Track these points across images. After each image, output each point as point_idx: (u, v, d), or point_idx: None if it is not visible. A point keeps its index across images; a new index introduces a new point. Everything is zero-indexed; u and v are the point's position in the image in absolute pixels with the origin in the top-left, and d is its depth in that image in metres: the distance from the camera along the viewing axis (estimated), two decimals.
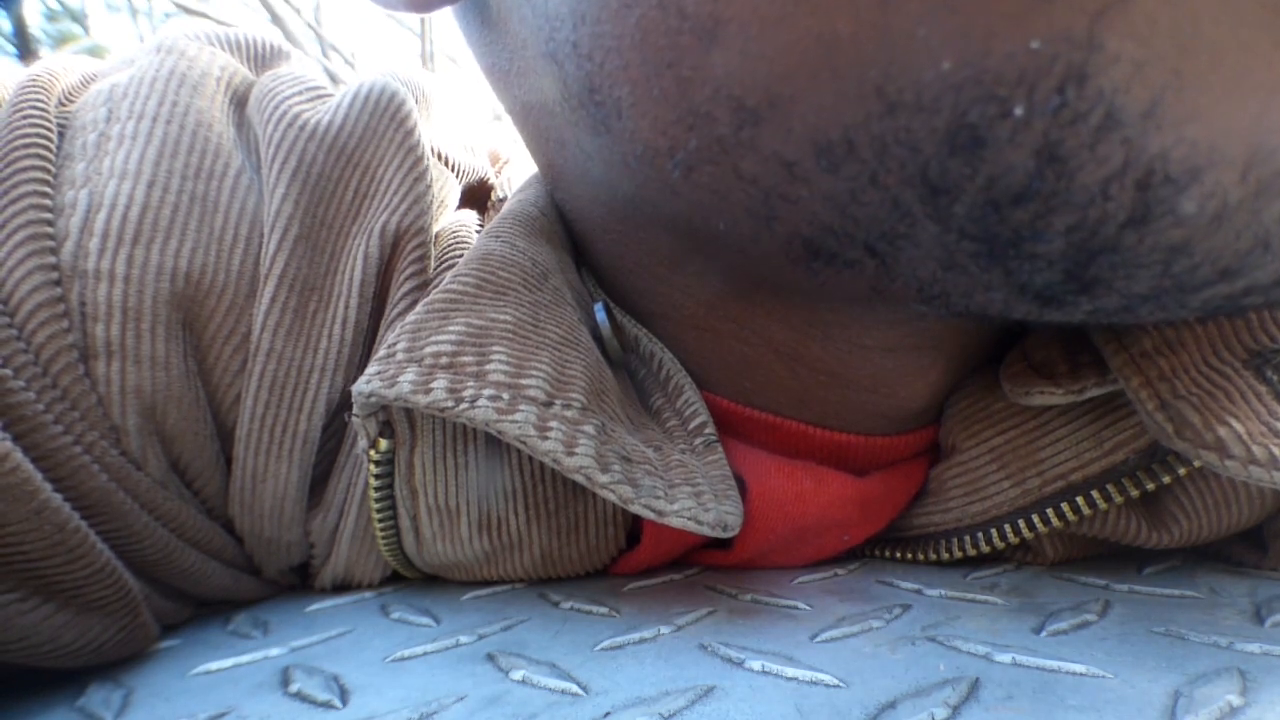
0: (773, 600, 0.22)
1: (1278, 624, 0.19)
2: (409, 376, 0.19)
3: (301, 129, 0.23)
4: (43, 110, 0.22)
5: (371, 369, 0.20)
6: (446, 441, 0.22)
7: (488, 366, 0.20)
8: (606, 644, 0.20)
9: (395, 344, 0.20)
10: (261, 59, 0.27)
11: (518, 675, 0.18)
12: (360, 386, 0.20)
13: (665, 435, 0.23)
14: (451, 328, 0.20)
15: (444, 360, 0.20)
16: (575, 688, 0.17)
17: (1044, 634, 0.19)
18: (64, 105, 0.23)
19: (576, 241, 0.26)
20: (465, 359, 0.20)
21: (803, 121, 0.14)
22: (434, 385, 0.19)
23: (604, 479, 0.19)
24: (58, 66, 0.23)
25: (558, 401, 0.20)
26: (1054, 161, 0.13)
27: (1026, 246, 0.15)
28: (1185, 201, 0.13)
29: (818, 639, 0.19)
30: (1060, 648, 0.18)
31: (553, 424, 0.19)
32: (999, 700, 0.16)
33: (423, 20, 1.96)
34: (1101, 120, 0.12)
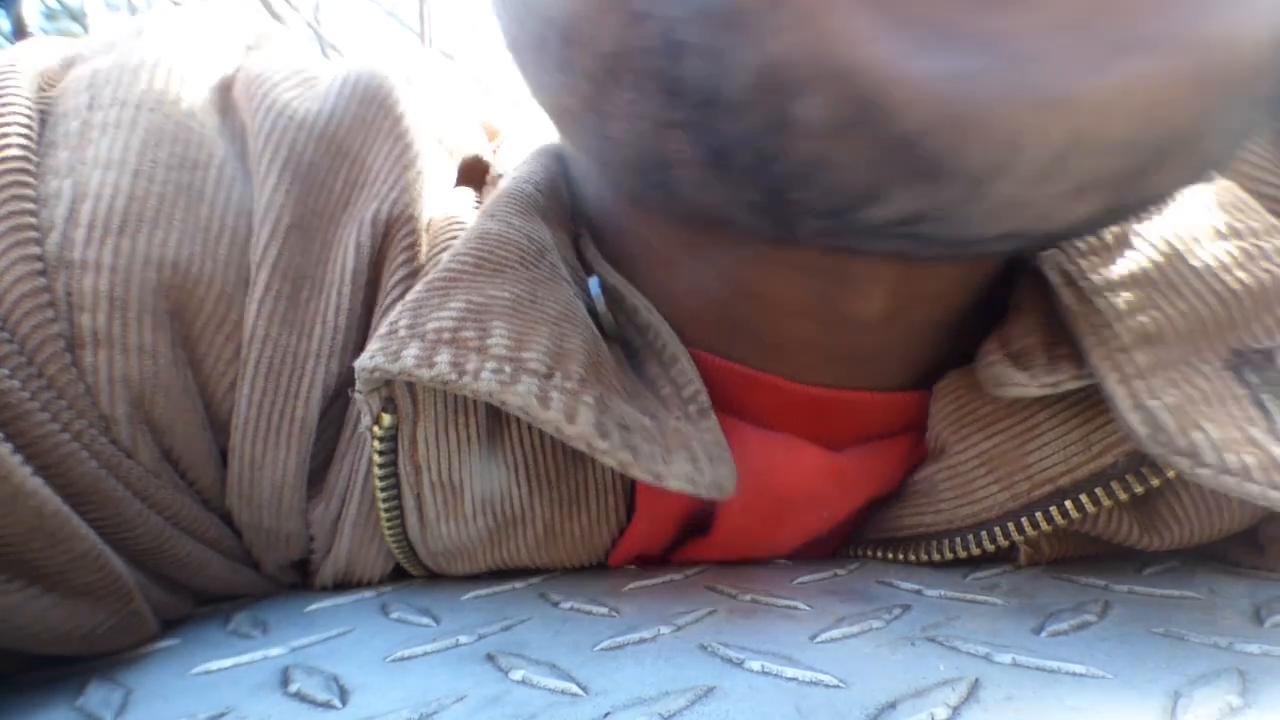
0: (773, 600, 0.22)
1: (1277, 625, 0.19)
2: (412, 351, 0.20)
3: (291, 118, 0.23)
4: (23, 97, 0.21)
5: (374, 345, 0.20)
6: (448, 415, 0.22)
7: (489, 341, 0.20)
8: (606, 644, 0.20)
9: (397, 321, 0.20)
10: (249, 41, 0.27)
11: (517, 675, 0.18)
12: (364, 362, 0.20)
13: (660, 403, 0.23)
14: (452, 304, 0.21)
15: (446, 335, 0.20)
16: (575, 688, 0.17)
17: (1044, 634, 0.19)
18: (44, 91, 0.22)
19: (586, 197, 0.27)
20: (467, 334, 0.20)
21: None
22: (438, 359, 0.20)
23: (604, 445, 0.20)
24: (36, 50, 0.23)
25: (557, 373, 0.20)
26: (710, 58, 0.14)
27: (729, 155, 0.16)
28: (800, 109, 0.14)
29: (817, 639, 0.19)
30: (1060, 648, 0.18)
31: (553, 394, 0.20)
32: (999, 701, 0.16)
33: (422, 19, 1.96)
34: (728, 19, 0.13)
